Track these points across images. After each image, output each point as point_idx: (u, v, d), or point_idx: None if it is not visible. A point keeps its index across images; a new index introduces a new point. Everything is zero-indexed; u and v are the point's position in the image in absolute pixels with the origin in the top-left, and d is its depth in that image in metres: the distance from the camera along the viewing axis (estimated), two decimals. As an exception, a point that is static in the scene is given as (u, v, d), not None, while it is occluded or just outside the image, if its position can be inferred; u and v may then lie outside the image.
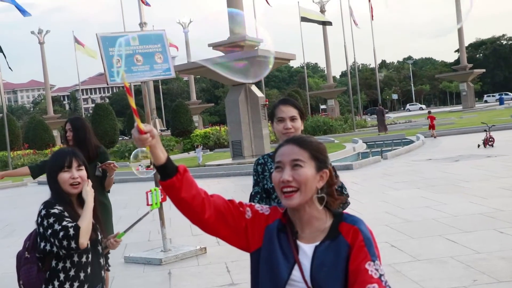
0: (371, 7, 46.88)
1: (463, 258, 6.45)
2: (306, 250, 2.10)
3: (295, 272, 2.08)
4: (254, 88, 22.91)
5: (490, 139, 19.37)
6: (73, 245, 3.00)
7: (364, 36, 63.43)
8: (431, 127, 27.86)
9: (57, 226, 3.03)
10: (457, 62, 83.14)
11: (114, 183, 6.09)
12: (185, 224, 10.39)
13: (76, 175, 3.25)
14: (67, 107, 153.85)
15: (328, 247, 2.07)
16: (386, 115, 41.57)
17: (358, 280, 1.98)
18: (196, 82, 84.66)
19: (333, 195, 2.21)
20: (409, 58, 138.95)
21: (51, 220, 3.07)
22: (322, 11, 65.82)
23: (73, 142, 5.77)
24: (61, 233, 3.01)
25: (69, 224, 3.03)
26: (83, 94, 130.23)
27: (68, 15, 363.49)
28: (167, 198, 2.31)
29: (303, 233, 2.14)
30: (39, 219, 3.14)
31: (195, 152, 36.52)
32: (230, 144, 23.29)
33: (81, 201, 3.32)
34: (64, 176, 3.23)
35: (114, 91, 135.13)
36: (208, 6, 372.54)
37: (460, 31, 61.26)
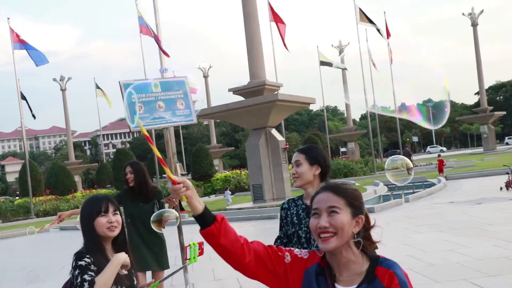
0: (390, 51, 47.18)
1: (489, 303, 6.36)
2: None
3: None
4: (274, 132, 23.06)
5: (513, 182, 19.16)
6: None
7: (383, 79, 63.54)
8: (440, 170, 28.35)
9: (80, 280, 3.11)
10: (477, 104, 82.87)
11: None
12: (207, 268, 10.38)
13: (113, 219, 3.34)
14: (88, 152, 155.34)
15: None
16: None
17: None
18: (216, 126, 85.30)
19: (370, 239, 2.29)
20: (429, 100, 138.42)
21: (76, 272, 3.15)
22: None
23: (134, 183, 6.49)
24: None
25: (87, 277, 3.10)
26: (104, 140, 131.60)
27: (89, 62, 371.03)
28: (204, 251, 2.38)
29: (341, 276, 2.21)
30: (71, 269, 3.22)
31: (215, 196, 36.66)
32: (251, 188, 23.33)
33: (115, 248, 3.40)
34: (101, 220, 3.31)
35: (135, 136, 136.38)
36: (228, 51, 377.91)
37: (479, 74, 61.26)
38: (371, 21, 41.17)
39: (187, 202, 2.27)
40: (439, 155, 33.42)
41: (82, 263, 3.17)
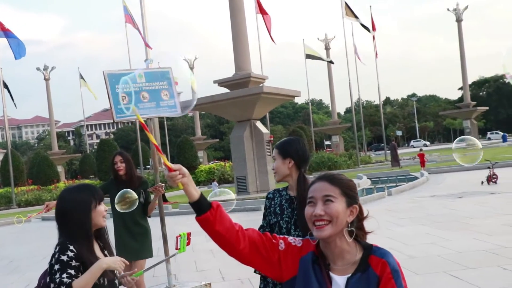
0: (375, 45, 47.34)
1: (468, 295, 6.45)
2: (339, 281, 2.23)
3: None
4: (259, 124, 23.09)
5: (494, 176, 19.35)
6: None
7: (368, 73, 64.12)
8: (422, 164, 29.23)
9: (57, 277, 2.99)
10: (461, 99, 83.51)
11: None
12: (190, 260, 10.41)
13: (106, 208, 3.33)
14: (71, 142, 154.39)
15: (360, 279, 2.20)
16: (388, 151, 42.34)
17: None
18: (201, 118, 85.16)
19: (363, 229, 2.37)
20: (413, 95, 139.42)
21: (56, 267, 3.03)
22: (327, 48, 66.60)
23: (125, 172, 6.55)
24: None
25: (65, 280, 2.97)
26: (88, 130, 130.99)
27: (74, 52, 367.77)
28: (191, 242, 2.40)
29: (335, 265, 2.27)
30: (51, 260, 3.08)
31: (199, 187, 36.60)
32: (235, 180, 23.36)
33: (98, 238, 3.37)
34: (101, 208, 3.27)
35: (119, 126, 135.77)
36: (213, 43, 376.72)
37: (463, 70, 61.74)
38: (356, 16, 41.27)
39: (183, 189, 2.29)
40: (420, 150, 33.88)
41: (64, 258, 3.05)
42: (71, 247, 3.09)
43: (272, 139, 23.33)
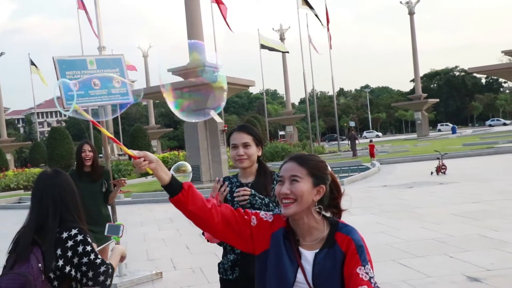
0: (330, 37, 47.69)
1: (415, 282, 6.60)
2: (307, 256, 2.36)
3: (299, 275, 2.34)
4: (213, 114, 23.00)
5: (443, 167, 19.77)
6: (108, 282, 2.96)
7: (322, 64, 64.70)
8: (372, 155, 29.96)
9: (93, 257, 2.92)
10: (413, 91, 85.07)
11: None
12: (141, 249, 10.33)
13: None
14: (21, 130, 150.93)
15: (326, 254, 2.33)
16: (341, 142, 42.91)
17: (351, 283, 2.28)
18: (155, 106, 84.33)
19: (339, 207, 2.52)
20: (367, 86, 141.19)
21: (88, 248, 2.94)
22: (282, 39, 66.81)
23: (92, 162, 6.66)
24: (103, 268, 2.93)
25: (105, 260, 3.00)
26: (38, 118, 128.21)
27: (25, 37, 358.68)
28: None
29: (304, 241, 2.39)
30: (72, 243, 2.93)
31: (152, 177, 36.34)
32: (188, 169, 23.23)
33: None
34: None
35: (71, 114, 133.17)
36: (168, 31, 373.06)
37: (415, 62, 62.86)
38: (311, 6, 41.46)
39: (153, 174, 2.36)
40: (370, 141, 34.56)
41: (89, 239, 2.99)
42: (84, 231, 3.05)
43: (226, 128, 23.28)
